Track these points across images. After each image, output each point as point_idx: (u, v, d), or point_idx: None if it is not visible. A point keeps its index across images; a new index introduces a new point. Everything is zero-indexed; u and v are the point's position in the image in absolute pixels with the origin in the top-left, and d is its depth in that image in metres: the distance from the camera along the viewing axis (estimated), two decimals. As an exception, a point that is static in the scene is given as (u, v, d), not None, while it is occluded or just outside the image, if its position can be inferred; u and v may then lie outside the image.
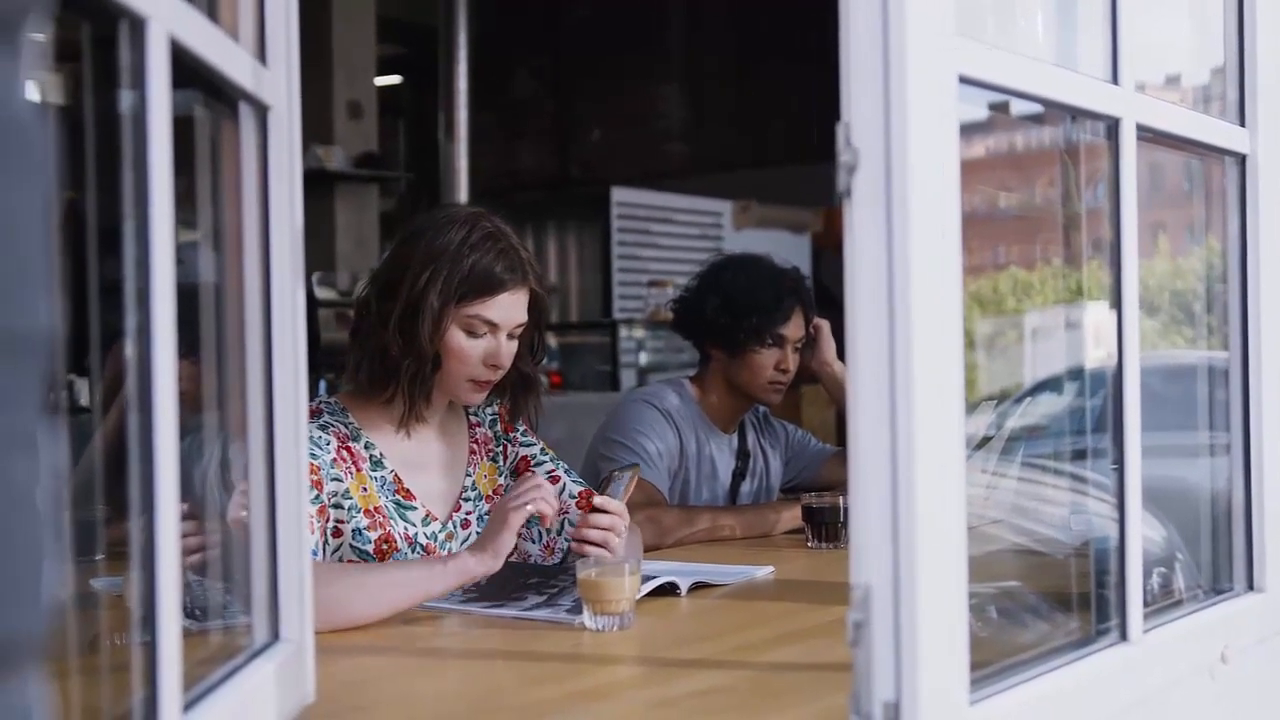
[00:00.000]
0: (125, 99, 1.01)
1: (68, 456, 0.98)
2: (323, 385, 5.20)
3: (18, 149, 0.59)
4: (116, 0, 0.95)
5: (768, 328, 2.95)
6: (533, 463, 2.40)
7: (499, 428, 2.41)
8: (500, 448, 2.40)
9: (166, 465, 1.01)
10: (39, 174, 0.61)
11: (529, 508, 1.98)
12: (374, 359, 2.19)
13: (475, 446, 2.37)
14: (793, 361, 3.00)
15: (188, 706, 1.08)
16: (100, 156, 1.04)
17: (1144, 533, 1.57)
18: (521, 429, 2.43)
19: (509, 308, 2.20)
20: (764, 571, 2.35)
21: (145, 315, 1.00)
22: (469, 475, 2.34)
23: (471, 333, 2.18)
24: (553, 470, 2.39)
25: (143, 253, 1.00)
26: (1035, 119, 1.72)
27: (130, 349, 1.01)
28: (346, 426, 2.21)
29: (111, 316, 1.03)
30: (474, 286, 2.16)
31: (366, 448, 2.22)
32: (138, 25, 0.99)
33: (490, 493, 2.35)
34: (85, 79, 1.04)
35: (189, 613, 1.23)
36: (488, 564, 1.95)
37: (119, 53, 1.01)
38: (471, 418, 2.40)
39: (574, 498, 2.35)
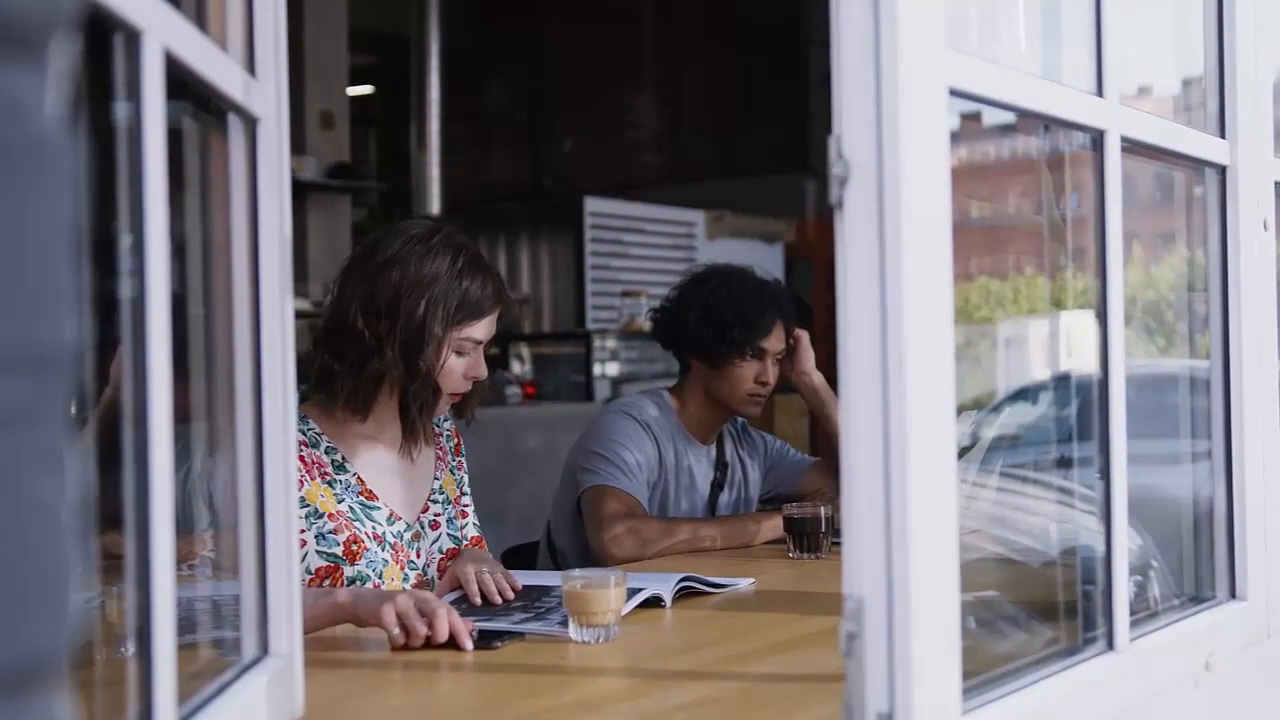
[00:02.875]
0: (119, 110, 1.01)
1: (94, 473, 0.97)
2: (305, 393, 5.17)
3: (46, 165, 0.59)
4: (112, 12, 0.94)
5: (749, 341, 2.95)
6: (459, 489, 2.49)
7: (451, 445, 2.49)
8: (455, 463, 2.49)
9: (161, 480, 1.01)
10: (66, 189, 0.61)
11: (394, 632, 1.84)
12: (370, 384, 2.23)
13: (440, 454, 2.45)
14: (772, 374, 2.99)
15: (182, 722, 1.07)
16: (90, 167, 1.03)
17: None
18: (463, 454, 2.52)
19: (491, 325, 2.31)
20: (746, 583, 2.36)
21: (140, 327, 1.00)
22: (436, 479, 2.41)
23: (460, 352, 2.27)
24: (468, 505, 2.48)
25: (138, 265, 0.99)
26: (1005, 130, 1.73)
27: (124, 361, 1.00)
28: (305, 433, 2.24)
29: (96, 328, 1.02)
30: (469, 311, 2.25)
31: (328, 453, 2.26)
32: (133, 38, 0.99)
33: (453, 498, 2.43)
34: (78, 90, 1.03)
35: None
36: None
37: (113, 64, 1.00)
38: (433, 426, 2.45)
39: (443, 553, 2.40)
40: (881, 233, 1.17)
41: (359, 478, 2.27)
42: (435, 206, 8.29)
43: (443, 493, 2.40)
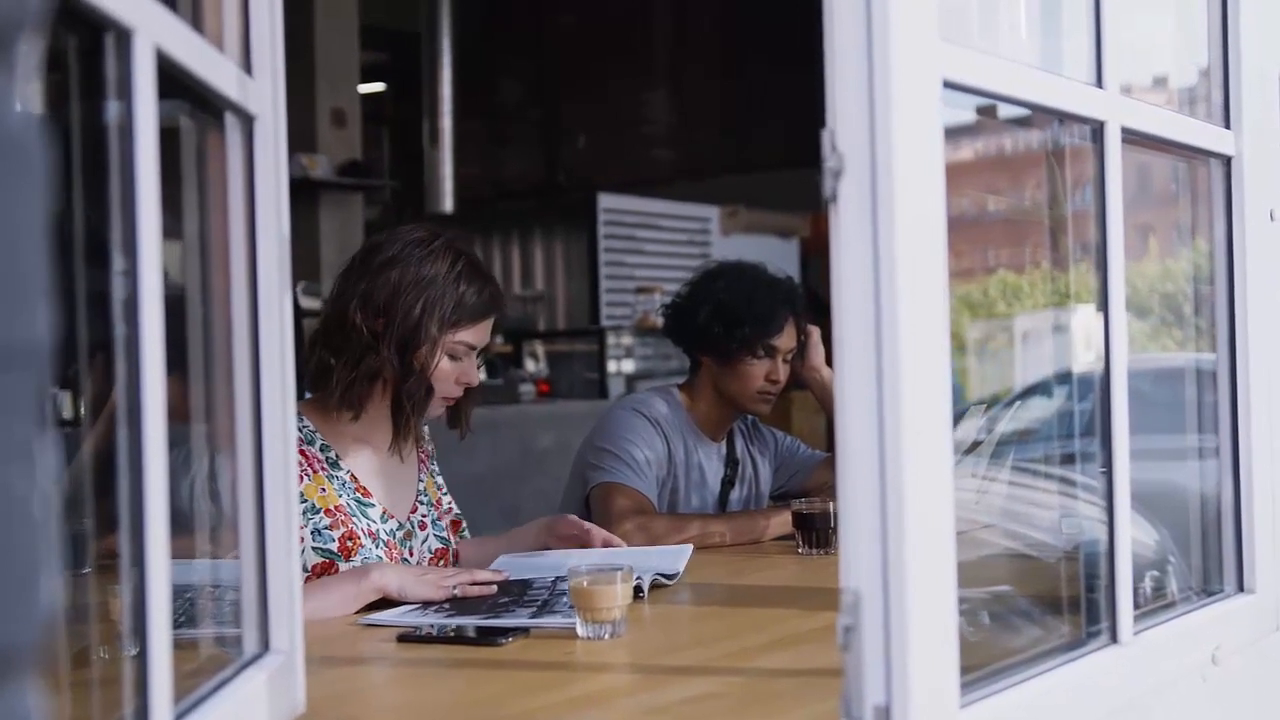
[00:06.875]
0: (111, 109, 1.01)
1: (62, 468, 0.97)
2: (306, 395, 5.19)
3: (15, 161, 0.59)
4: (103, 11, 0.95)
5: (760, 339, 2.94)
6: (440, 492, 2.52)
7: (430, 450, 2.52)
8: (433, 468, 2.52)
9: (156, 478, 1.01)
10: (36, 186, 0.61)
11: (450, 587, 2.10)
12: (364, 380, 2.26)
13: (424, 457, 2.49)
14: (783, 372, 2.99)
15: (179, 717, 1.07)
16: (84, 167, 1.03)
17: (1136, 536, 1.57)
18: (435, 460, 2.55)
19: (485, 332, 2.34)
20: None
21: (133, 327, 1.00)
22: (420, 481, 2.45)
23: (453, 357, 2.30)
24: (449, 499, 2.52)
25: (130, 264, 1.00)
26: (1021, 122, 1.73)
27: (118, 361, 1.01)
28: (301, 431, 2.25)
29: (97, 328, 1.03)
30: (465, 315, 2.28)
31: (322, 450, 2.29)
32: (124, 36, 0.99)
33: (435, 500, 2.47)
34: (70, 89, 1.04)
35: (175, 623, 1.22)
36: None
37: (104, 63, 1.01)
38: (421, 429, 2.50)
39: (431, 552, 2.42)
40: (875, 225, 1.16)
41: (352, 475, 2.30)
42: (448, 204, 8.30)
43: (426, 494, 2.45)
